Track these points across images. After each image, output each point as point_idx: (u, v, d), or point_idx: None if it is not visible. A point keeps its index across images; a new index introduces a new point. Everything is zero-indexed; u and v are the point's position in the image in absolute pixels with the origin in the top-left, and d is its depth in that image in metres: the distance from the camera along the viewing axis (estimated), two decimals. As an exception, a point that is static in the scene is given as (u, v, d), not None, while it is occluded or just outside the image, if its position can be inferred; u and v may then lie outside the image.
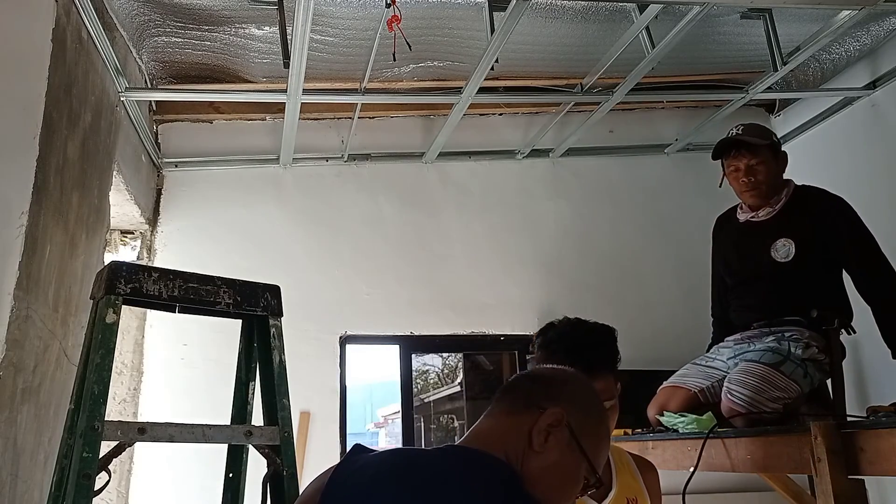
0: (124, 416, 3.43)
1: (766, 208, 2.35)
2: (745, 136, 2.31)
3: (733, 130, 2.35)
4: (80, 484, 1.42)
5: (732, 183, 2.39)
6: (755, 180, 2.31)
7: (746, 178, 2.31)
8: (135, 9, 2.95)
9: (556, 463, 1.06)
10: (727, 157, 2.35)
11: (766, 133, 2.37)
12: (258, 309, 1.82)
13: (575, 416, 1.09)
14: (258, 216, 3.90)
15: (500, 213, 4.16)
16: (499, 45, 2.90)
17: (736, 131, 2.35)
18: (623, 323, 4.45)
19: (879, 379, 3.63)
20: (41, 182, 2.13)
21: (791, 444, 1.57)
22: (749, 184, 2.32)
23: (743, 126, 2.36)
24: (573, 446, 1.07)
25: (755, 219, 2.37)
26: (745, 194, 2.37)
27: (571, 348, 1.58)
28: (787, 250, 2.26)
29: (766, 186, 2.32)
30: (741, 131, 2.34)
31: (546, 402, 1.08)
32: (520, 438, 1.06)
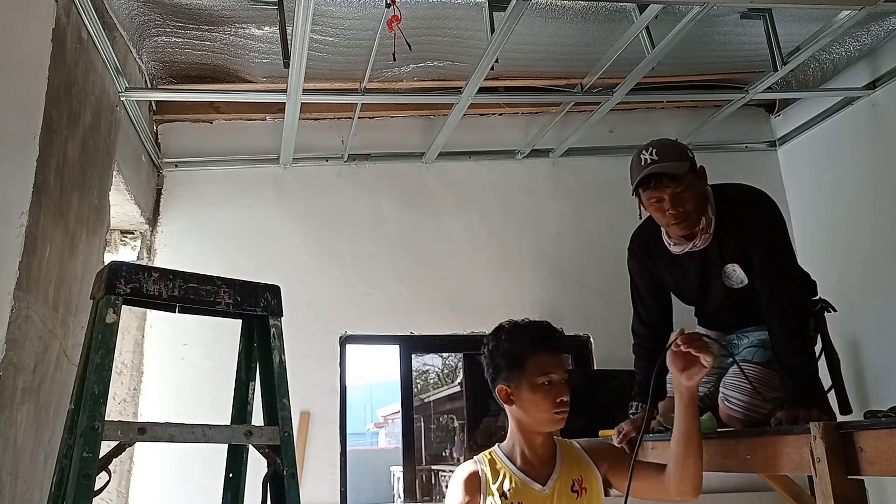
0: (124, 416, 3.43)
1: (702, 235, 2.08)
2: (661, 162, 2.00)
3: (645, 156, 2.03)
4: (81, 484, 1.42)
5: (655, 214, 2.09)
6: (683, 210, 2.01)
7: (674, 210, 2.01)
8: (135, 9, 2.95)
9: None
10: (644, 188, 2.03)
11: (682, 152, 2.06)
12: (258, 309, 1.82)
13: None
14: (258, 216, 3.91)
15: (500, 213, 4.16)
16: (499, 45, 2.90)
17: (650, 157, 2.02)
18: (623, 323, 4.43)
19: (879, 379, 3.63)
20: (41, 182, 2.13)
21: (791, 444, 1.57)
22: (677, 215, 2.01)
23: (655, 148, 2.04)
24: None
25: (693, 249, 2.11)
26: (672, 227, 2.08)
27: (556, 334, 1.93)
28: (738, 276, 2.08)
29: (696, 213, 2.04)
30: (656, 156, 2.01)
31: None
32: None
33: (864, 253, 3.71)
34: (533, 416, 1.82)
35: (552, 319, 2.03)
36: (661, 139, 2.14)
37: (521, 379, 1.81)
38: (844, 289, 3.47)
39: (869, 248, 3.70)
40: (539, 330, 1.91)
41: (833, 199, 3.96)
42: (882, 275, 3.63)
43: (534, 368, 1.81)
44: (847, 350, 3.54)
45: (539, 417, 1.81)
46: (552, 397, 1.79)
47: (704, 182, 2.10)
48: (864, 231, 3.73)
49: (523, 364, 1.82)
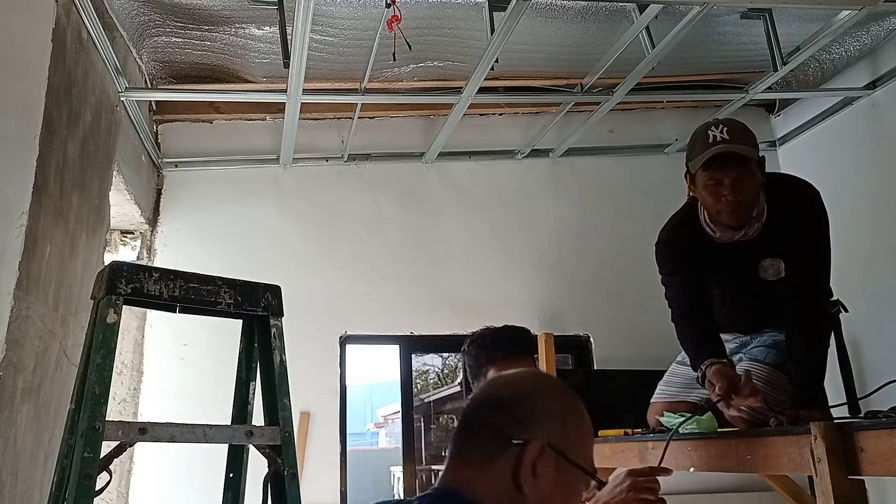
0: (124, 416, 3.43)
1: (755, 223, 1.96)
2: (733, 143, 1.83)
3: (715, 133, 1.85)
4: (82, 484, 1.42)
5: (706, 197, 1.93)
6: (742, 199, 1.87)
7: (732, 196, 1.86)
8: (135, 9, 2.95)
9: (553, 491, 0.96)
10: (707, 167, 1.87)
11: (754, 137, 1.92)
12: (259, 309, 1.82)
13: (556, 432, 0.98)
14: (258, 216, 3.91)
15: (500, 213, 4.16)
16: (499, 45, 2.90)
17: (720, 135, 1.85)
18: (623, 323, 4.45)
19: (879, 379, 3.62)
20: (41, 182, 2.13)
21: (791, 444, 1.56)
22: (734, 203, 1.87)
23: (726, 126, 1.87)
24: (564, 465, 0.97)
25: (743, 238, 1.98)
26: (723, 213, 1.92)
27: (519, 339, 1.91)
28: (776, 269, 1.98)
29: (752, 204, 1.91)
30: (727, 135, 1.84)
31: (521, 433, 0.96)
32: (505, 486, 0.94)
33: (865, 253, 3.71)
34: None
35: (552, 319, 2.04)
36: (730, 118, 1.99)
37: None
38: (844, 289, 3.46)
39: (869, 248, 3.70)
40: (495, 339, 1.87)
41: (833, 199, 3.91)
42: (882, 275, 3.63)
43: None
44: (847, 350, 3.54)
45: None
46: None
47: (763, 174, 1.96)
48: (864, 231, 3.73)
49: (484, 375, 1.83)
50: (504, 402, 1.00)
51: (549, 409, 1.00)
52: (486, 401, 1.03)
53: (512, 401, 1.00)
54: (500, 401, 1.01)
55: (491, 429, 0.98)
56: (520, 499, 0.94)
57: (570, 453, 0.97)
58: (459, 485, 0.97)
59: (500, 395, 1.02)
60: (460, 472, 0.99)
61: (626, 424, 2.62)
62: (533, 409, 0.99)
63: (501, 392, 1.03)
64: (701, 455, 1.89)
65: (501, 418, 0.98)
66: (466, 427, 1.02)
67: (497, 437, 0.97)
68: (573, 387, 3.01)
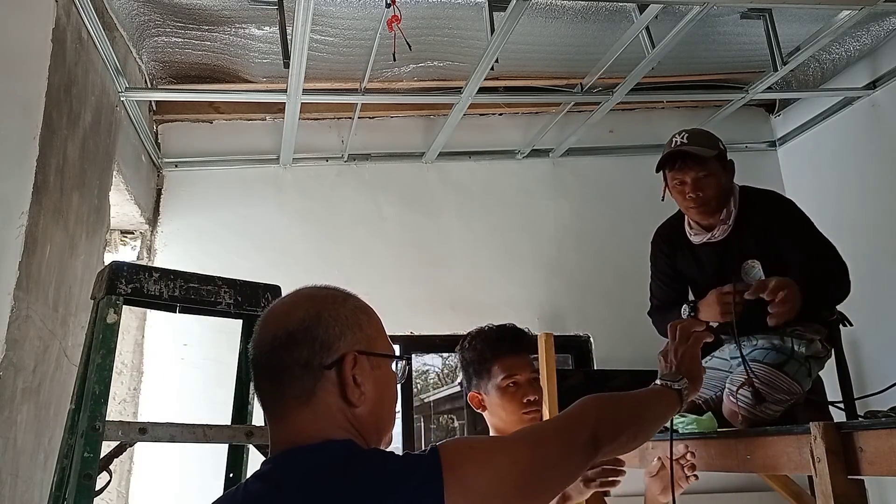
0: (124, 416, 3.43)
1: (721, 226, 2.13)
2: (690, 145, 2.08)
3: (676, 139, 2.13)
4: (82, 484, 1.43)
5: (676, 197, 2.17)
6: (703, 196, 2.08)
7: (694, 194, 2.08)
8: (135, 9, 2.95)
9: (376, 388, 0.98)
10: (670, 168, 2.13)
11: (713, 141, 2.14)
12: (259, 309, 1.82)
13: (357, 337, 0.99)
14: (258, 216, 3.90)
15: (500, 213, 4.16)
16: (499, 45, 2.90)
17: (680, 140, 2.11)
18: (623, 323, 4.45)
19: (879, 379, 3.62)
20: (41, 182, 2.13)
21: (791, 444, 1.56)
22: (696, 199, 2.09)
23: (687, 133, 2.13)
24: (375, 361, 0.99)
25: (713, 240, 2.15)
26: (691, 210, 2.16)
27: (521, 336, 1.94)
28: (757, 272, 2.09)
29: (716, 201, 2.10)
30: (686, 139, 2.10)
31: (328, 356, 0.96)
32: (336, 409, 0.95)
33: (865, 253, 3.71)
34: (504, 420, 1.82)
35: (552, 319, 2.05)
36: (696, 128, 2.23)
37: (489, 384, 1.83)
38: (844, 289, 3.47)
39: (869, 248, 3.70)
40: (499, 334, 1.90)
41: (833, 199, 3.96)
42: (882, 275, 3.63)
43: (498, 372, 1.82)
44: (847, 350, 3.53)
45: (510, 420, 1.81)
46: (519, 398, 1.80)
47: (731, 175, 2.14)
48: (864, 231, 3.73)
49: (488, 370, 1.84)
50: (297, 335, 0.97)
51: (341, 320, 0.99)
52: (275, 342, 0.98)
53: (303, 330, 0.97)
54: (292, 335, 0.97)
55: (298, 366, 0.96)
56: (354, 412, 0.96)
57: (376, 349, 1.00)
58: (296, 438, 0.94)
59: (289, 330, 0.97)
60: (286, 425, 0.96)
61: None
62: (327, 328, 0.97)
63: (287, 327, 0.98)
64: (701, 455, 1.89)
65: (303, 351, 0.96)
66: (270, 376, 0.98)
67: (307, 371, 0.95)
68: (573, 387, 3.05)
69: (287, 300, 1.04)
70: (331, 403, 0.96)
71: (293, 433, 0.95)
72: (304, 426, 0.95)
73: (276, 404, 0.97)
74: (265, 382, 0.99)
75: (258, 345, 1.00)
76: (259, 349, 1.00)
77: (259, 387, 1.00)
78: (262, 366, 0.99)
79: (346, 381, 0.95)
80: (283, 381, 0.96)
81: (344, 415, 0.96)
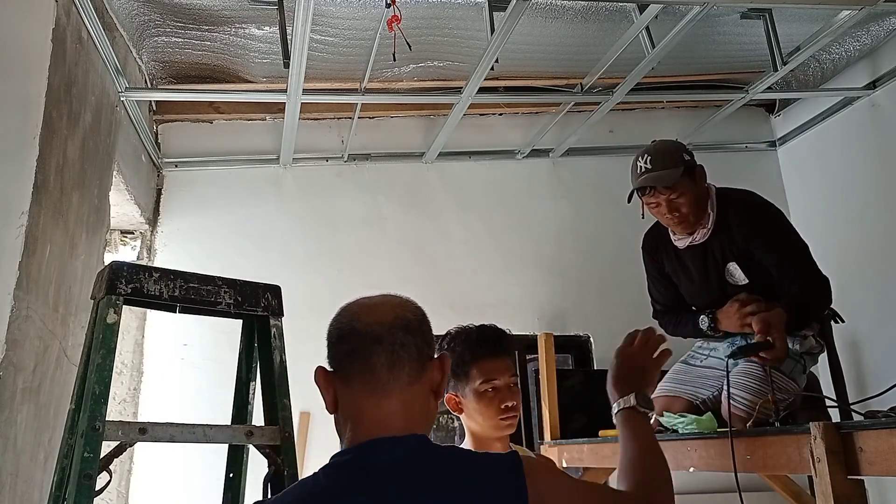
0: (124, 416, 3.43)
1: (700, 230, 2.18)
2: (655, 170, 2.10)
3: (640, 163, 2.14)
4: (82, 484, 1.43)
5: (656, 216, 2.23)
6: (679, 214, 2.13)
7: (670, 214, 2.14)
8: (135, 9, 2.95)
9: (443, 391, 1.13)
10: (641, 194, 2.17)
11: (677, 155, 2.14)
12: (259, 309, 1.82)
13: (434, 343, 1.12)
14: (258, 216, 3.90)
15: (500, 213, 4.15)
16: (499, 45, 2.90)
17: (644, 165, 2.13)
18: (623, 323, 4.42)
19: (879, 380, 3.63)
20: (41, 182, 2.13)
21: (791, 444, 1.57)
22: (674, 219, 2.15)
23: (650, 155, 2.13)
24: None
25: (694, 243, 2.21)
26: (671, 227, 2.23)
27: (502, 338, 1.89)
28: (739, 274, 2.15)
29: (693, 215, 2.14)
30: (650, 164, 2.11)
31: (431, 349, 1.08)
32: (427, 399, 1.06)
33: (865, 253, 3.71)
34: (481, 424, 1.79)
35: (552, 319, 2.05)
36: (658, 143, 2.24)
37: (466, 387, 1.79)
38: (843, 289, 3.46)
39: (869, 248, 3.70)
40: (479, 336, 1.85)
41: (833, 199, 3.96)
42: (882, 275, 3.63)
43: (476, 376, 1.77)
44: (847, 350, 3.54)
45: (487, 425, 1.78)
46: (496, 403, 1.76)
47: (702, 181, 2.18)
48: (864, 231, 3.73)
49: (467, 373, 1.79)
50: (415, 323, 1.06)
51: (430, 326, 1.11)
52: (397, 322, 1.05)
53: (418, 322, 1.07)
54: (412, 322, 1.06)
55: (415, 348, 1.04)
56: (432, 405, 1.06)
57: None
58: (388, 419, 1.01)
59: (409, 318, 1.06)
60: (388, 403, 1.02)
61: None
62: (428, 327, 1.09)
63: (407, 314, 1.07)
64: (701, 455, 1.89)
65: (417, 338, 1.04)
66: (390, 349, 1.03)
67: (421, 357, 1.04)
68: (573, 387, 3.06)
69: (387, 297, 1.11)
70: (425, 392, 1.05)
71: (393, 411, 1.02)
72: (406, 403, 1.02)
73: (391, 377, 1.02)
74: (384, 356, 1.02)
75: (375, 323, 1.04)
76: (377, 326, 1.04)
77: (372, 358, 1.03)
78: (382, 340, 1.03)
79: (444, 375, 1.07)
80: (403, 356, 1.03)
81: (428, 403, 1.06)
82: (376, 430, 1.00)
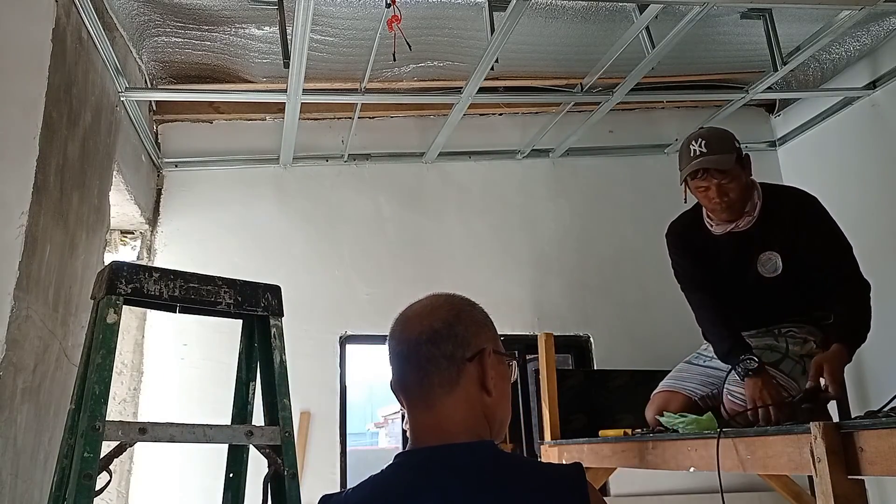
0: (124, 416, 3.43)
1: (746, 217, 2.18)
2: (710, 154, 2.10)
3: (694, 146, 2.13)
4: (82, 484, 1.42)
5: (702, 200, 2.21)
6: (729, 199, 2.13)
7: (720, 199, 2.13)
8: (135, 9, 2.95)
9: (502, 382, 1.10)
10: (692, 178, 2.15)
11: (730, 142, 2.17)
12: (259, 309, 1.82)
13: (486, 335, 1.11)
14: (258, 216, 3.90)
15: (500, 213, 4.16)
16: (499, 45, 2.90)
17: (698, 148, 2.12)
18: (623, 323, 4.45)
19: (879, 380, 3.63)
20: (41, 182, 2.13)
21: (791, 444, 1.56)
22: (722, 203, 2.14)
23: (704, 139, 2.14)
24: (498, 358, 1.11)
25: (736, 230, 2.20)
26: (717, 213, 2.20)
27: None
28: (774, 265, 2.15)
29: (741, 202, 2.15)
30: (704, 148, 2.11)
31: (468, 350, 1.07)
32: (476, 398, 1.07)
33: (865, 253, 3.69)
34: None
35: (552, 319, 2.05)
36: (710, 128, 2.28)
37: None
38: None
39: (869, 247, 3.69)
40: None
41: (833, 199, 3.91)
42: (882, 275, 3.62)
43: None
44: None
45: None
46: None
47: (749, 170, 2.19)
48: (864, 231, 3.72)
49: None
50: (442, 332, 1.08)
51: (476, 320, 1.12)
52: (421, 338, 1.08)
53: (447, 327, 1.09)
54: (437, 332, 1.08)
55: (444, 358, 1.06)
56: (487, 401, 1.07)
57: (498, 347, 1.13)
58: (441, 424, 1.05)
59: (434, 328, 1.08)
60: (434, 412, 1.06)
61: (625, 424, 2.63)
62: (466, 326, 1.10)
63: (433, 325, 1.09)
64: (701, 455, 1.89)
65: (447, 346, 1.07)
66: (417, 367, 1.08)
67: (452, 363, 1.06)
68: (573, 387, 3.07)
69: (426, 303, 1.15)
70: (471, 392, 1.07)
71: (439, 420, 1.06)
72: (449, 413, 1.06)
73: (424, 393, 1.07)
74: (413, 374, 1.08)
75: (404, 341, 1.10)
76: (406, 344, 1.10)
77: (406, 378, 1.10)
78: (409, 358, 1.09)
79: (485, 371, 1.07)
80: (431, 371, 1.06)
81: (481, 403, 1.07)
82: (430, 439, 1.05)
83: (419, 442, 1.07)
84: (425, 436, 1.06)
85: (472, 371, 1.07)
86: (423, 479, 1.01)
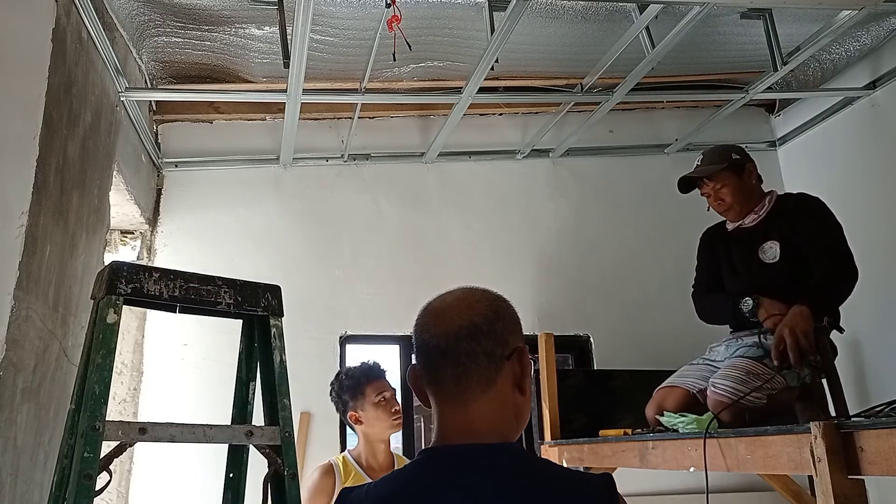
0: (124, 416, 3.43)
1: (752, 215, 2.54)
2: (701, 166, 2.55)
3: (696, 161, 2.61)
4: (82, 484, 1.42)
5: (710, 204, 2.62)
6: (723, 202, 2.53)
7: (716, 202, 2.56)
8: (135, 9, 2.95)
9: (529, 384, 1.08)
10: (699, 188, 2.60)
11: (724, 155, 2.54)
12: (259, 309, 1.82)
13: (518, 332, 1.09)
14: (258, 216, 3.90)
15: (500, 213, 4.16)
16: (499, 45, 2.90)
17: (697, 162, 2.59)
18: (623, 323, 4.46)
19: (879, 379, 3.63)
20: (41, 182, 2.13)
21: (791, 444, 1.57)
22: (720, 206, 2.56)
23: (704, 154, 2.60)
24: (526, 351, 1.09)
25: (743, 225, 2.56)
26: (721, 213, 2.62)
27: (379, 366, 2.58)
28: (774, 252, 2.41)
29: (738, 204, 2.52)
30: (700, 162, 2.58)
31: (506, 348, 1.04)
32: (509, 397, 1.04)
33: (864, 253, 3.69)
34: (377, 427, 2.41)
35: (552, 319, 2.06)
36: (717, 145, 2.69)
37: (364, 402, 2.41)
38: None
39: (869, 247, 3.69)
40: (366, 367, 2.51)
41: (833, 199, 3.92)
42: (882, 274, 3.63)
43: (371, 392, 2.42)
44: (847, 350, 3.54)
45: (381, 426, 2.41)
46: (388, 409, 2.42)
47: (751, 176, 2.55)
48: (864, 231, 3.72)
49: (363, 391, 2.42)
50: (482, 327, 1.04)
51: (512, 318, 1.09)
52: (461, 332, 1.04)
53: (487, 323, 1.04)
54: (478, 326, 1.04)
55: (483, 355, 1.03)
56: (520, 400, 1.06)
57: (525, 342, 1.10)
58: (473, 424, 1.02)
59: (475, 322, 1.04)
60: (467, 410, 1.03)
61: (625, 424, 2.63)
62: (504, 323, 1.06)
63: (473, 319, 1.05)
64: (701, 455, 1.90)
65: (487, 342, 1.03)
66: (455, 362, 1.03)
67: (491, 361, 1.03)
68: (573, 387, 3.10)
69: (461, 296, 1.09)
70: (506, 392, 1.04)
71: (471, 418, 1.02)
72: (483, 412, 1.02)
73: (461, 390, 1.03)
74: (450, 369, 1.03)
75: (441, 335, 1.05)
76: (443, 339, 1.05)
77: (441, 374, 1.05)
78: (446, 353, 1.04)
79: (523, 370, 1.05)
80: (470, 367, 1.02)
81: (514, 402, 1.05)
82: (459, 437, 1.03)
83: (446, 440, 1.03)
84: (453, 434, 1.03)
85: (508, 370, 1.04)
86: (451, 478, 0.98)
